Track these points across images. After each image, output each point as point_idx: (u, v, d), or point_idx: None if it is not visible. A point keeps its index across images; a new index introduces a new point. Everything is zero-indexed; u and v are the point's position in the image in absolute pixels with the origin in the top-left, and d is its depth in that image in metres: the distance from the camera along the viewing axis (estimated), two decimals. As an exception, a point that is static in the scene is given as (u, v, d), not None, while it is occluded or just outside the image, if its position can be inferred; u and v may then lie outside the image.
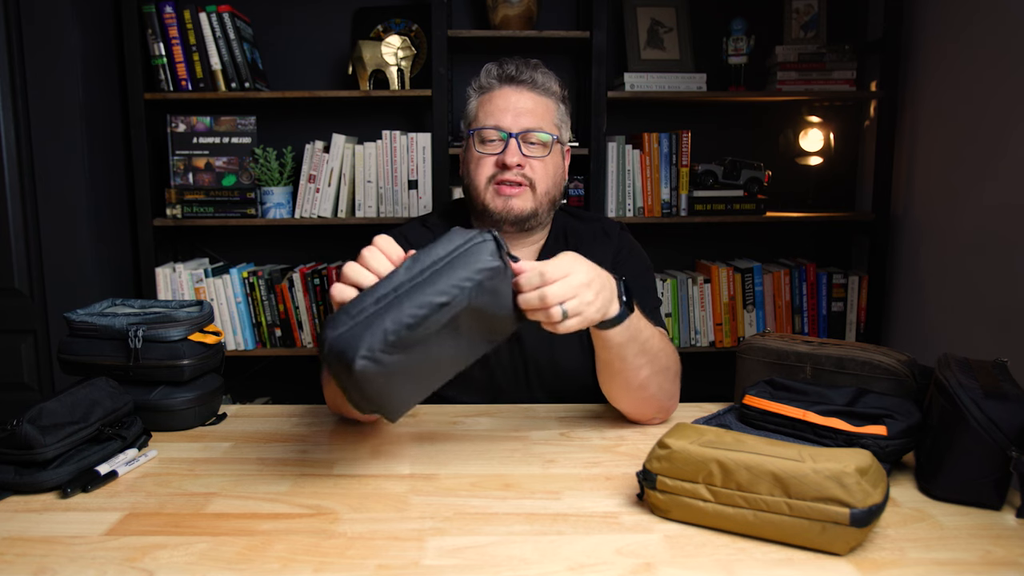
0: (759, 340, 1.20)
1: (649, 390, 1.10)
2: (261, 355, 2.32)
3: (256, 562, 0.75)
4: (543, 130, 1.26)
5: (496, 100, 1.27)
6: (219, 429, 1.15)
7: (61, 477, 0.91)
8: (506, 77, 1.27)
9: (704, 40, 2.38)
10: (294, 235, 2.47)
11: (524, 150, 1.25)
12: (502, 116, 1.25)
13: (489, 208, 1.26)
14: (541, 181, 1.26)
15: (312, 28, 2.44)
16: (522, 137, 1.25)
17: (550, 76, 1.30)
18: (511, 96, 1.26)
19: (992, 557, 0.75)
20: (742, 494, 0.77)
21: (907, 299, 2.23)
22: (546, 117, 1.28)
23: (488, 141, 1.26)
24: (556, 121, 1.30)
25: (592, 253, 1.32)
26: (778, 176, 2.45)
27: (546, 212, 1.30)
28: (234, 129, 2.26)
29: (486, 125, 1.26)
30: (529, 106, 1.26)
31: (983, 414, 0.83)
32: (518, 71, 1.27)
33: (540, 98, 1.28)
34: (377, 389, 0.79)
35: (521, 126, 1.25)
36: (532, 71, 1.28)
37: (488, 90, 1.29)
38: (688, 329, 2.35)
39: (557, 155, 1.30)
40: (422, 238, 1.33)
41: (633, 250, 1.37)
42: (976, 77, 1.90)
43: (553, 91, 1.30)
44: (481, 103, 1.29)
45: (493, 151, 1.26)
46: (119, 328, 1.11)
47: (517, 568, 0.73)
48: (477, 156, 1.27)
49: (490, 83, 1.29)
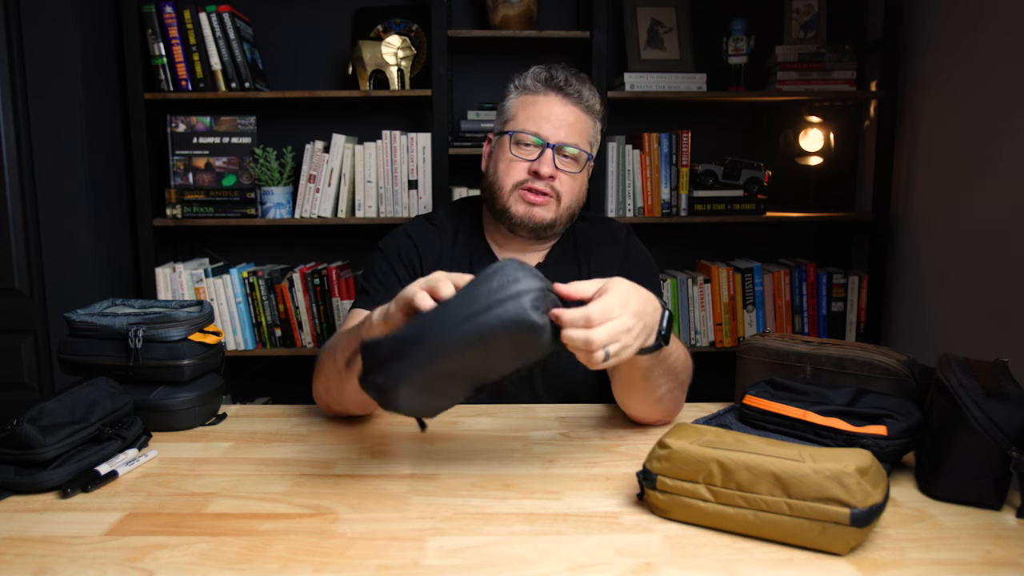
0: (759, 340, 1.20)
1: (663, 402, 1.11)
2: (261, 355, 2.32)
3: (256, 562, 0.75)
4: (579, 146, 1.25)
5: (540, 106, 1.24)
6: (219, 429, 1.15)
7: (61, 477, 0.91)
8: (554, 85, 1.25)
9: (704, 40, 2.38)
10: (294, 235, 2.47)
11: (558, 162, 1.24)
12: (543, 124, 1.23)
13: (510, 211, 1.25)
14: (567, 195, 1.26)
15: (312, 28, 2.44)
16: (558, 149, 1.23)
17: (595, 93, 1.28)
18: (556, 106, 1.24)
19: (992, 557, 0.75)
20: (742, 494, 0.77)
21: (907, 299, 2.23)
22: (584, 134, 1.27)
23: (524, 145, 1.24)
24: (591, 139, 1.29)
25: (600, 255, 1.33)
26: (778, 176, 2.45)
27: (563, 225, 1.29)
28: (234, 129, 2.26)
29: (526, 129, 1.24)
30: (571, 120, 1.24)
31: (983, 414, 0.83)
32: (567, 82, 1.24)
33: (583, 114, 1.26)
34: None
35: (560, 138, 1.23)
36: (581, 85, 1.26)
37: (532, 92, 1.26)
38: (688, 329, 2.35)
39: (585, 173, 1.30)
40: (428, 236, 1.33)
41: (640, 254, 1.38)
42: (976, 77, 1.90)
43: (596, 109, 1.29)
44: (522, 104, 1.26)
45: (528, 156, 1.24)
46: (119, 328, 1.11)
47: (517, 568, 0.73)
48: (510, 158, 1.25)
49: (536, 86, 1.26)
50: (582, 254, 1.34)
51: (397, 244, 1.32)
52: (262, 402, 2.45)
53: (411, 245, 1.31)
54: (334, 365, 1.08)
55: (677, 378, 1.09)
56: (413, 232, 1.34)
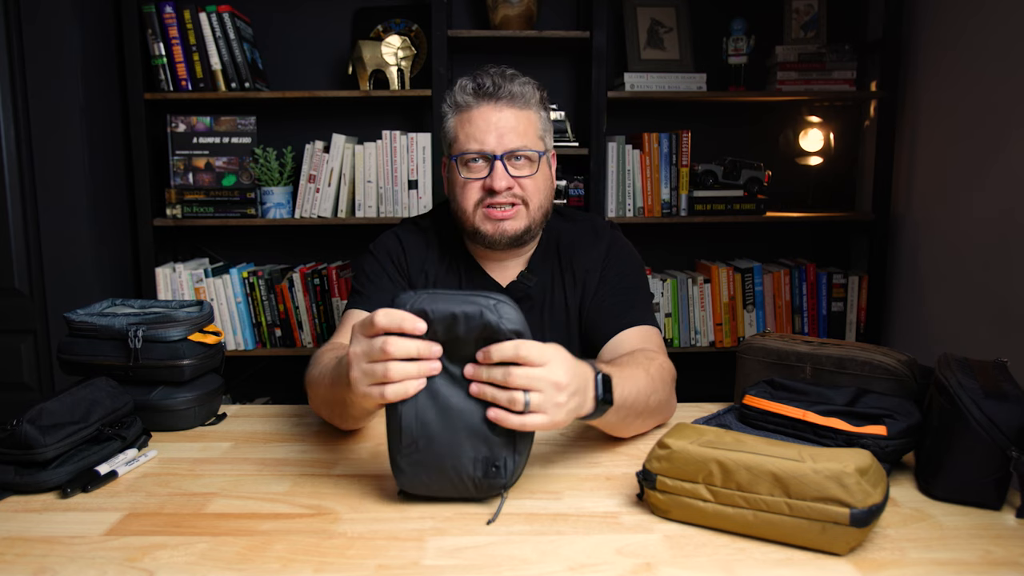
0: (759, 340, 1.20)
1: (641, 429, 1.08)
2: (261, 355, 2.32)
3: (256, 562, 0.75)
4: (528, 147, 1.20)
5: (476, 120, 1.19)
6: (219, 429, 1.15)
7: (61, 477, 0.91)
8: (484, 94, 1.19)
9: (704, 40, 2.38)
10: (294, 235, 2.48)
11: (512, 171, 1.19)
12: (484, 137, 1.18)
13: (480, 231, 1.22)
14: (533, 197, 1.22)
15: (312, 28, 2.44)
16: (507, 158, 1.19)
17: (527, 84, 1.22)
18: (491, 114, 1.19)
19: (992, 557, 0.75)
20: (742, 494, 0.77)
21: (907, 299, 2.23)
22: (529, 131, 1.21)
23: (472, 164, 1.20)
24: (540, 133, 1.23)
25: (583, 255, 1.31)
26: (778, 176, 2.45)
27: (539, 225, 1.26)
28: (234, 129, 2.26)
29: (469, 149, 1.19)
30: (512, 123, 1.19)
31: (983, 414, 0.83)
32: (495, 86, 1.18)
33: (521, 112, 1.20)
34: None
35: (506, 147, 1.18)
36: (509, 84, 1.19)
37: (465, 108, 1.21)
38: (688, 329, 2.35)
39: (545, 167, 1.25)
40: (415, 240, 1.33)
41: (623, 248, 1.33)
42: (976, 77, 1.90)
43: (533, 100, 1.22)
44: (460, 123, 1.21)
45: (479, 174, 1.20)
46: (119, 328, 1.11)
47: (517, 568, 0.73)
48: (462, 181, 1.21)
49: (467, 100, 1.20)
50: (565, 256, 1.31)
51: (386, 246, 1.33)
52: (262, 402, 2.45)
53: (399, 247, 1.32)
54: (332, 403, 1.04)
55: (647, 408, 1.04)
56: (401, 235, 1.34)
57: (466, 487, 0.84)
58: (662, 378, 1.08)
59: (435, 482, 0.84)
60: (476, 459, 0.83)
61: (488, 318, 0.80)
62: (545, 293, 1.30)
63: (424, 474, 0.84)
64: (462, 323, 0.80)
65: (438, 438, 0.83)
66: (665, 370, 1.10)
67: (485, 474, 0.83)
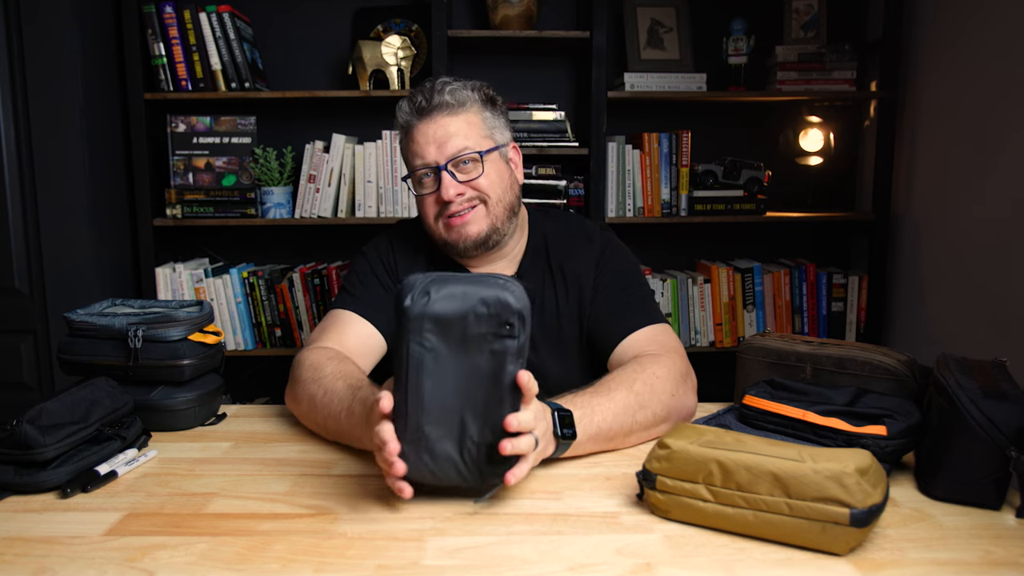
0: (759, 340, 1.20)
1: (640, 442, 1.07)
2: (261, 355, 2.32)
3: (256, 562, 0.75)
4: (470, 148, 1.20)
5: (416, 137, 1.22)
6: (219, 429, 1.15)
7: (61, 477, 0.91)
8: (419, 110, 1.21)
9: (704, 40, 2.38)
10: (294, 235, 2.47)
11: (460, 176, 1.20)
12: (425, 151, 1.20)
13: (448, 241, 1.24)
14: (491, 192, 1.22)
15: (312, 28, 2.43)
16: (452, 165, 1.20)
17: (462, 87, 1.23)
18: (428, 128, 1.21)
19: (992, 557, 0.75)
20: (742, 494, 0.77)
21: (907, 299, 2.23)
22: (471, 133, 1.21)
23: (423, 179, 1.23)
24: (485, 130, 1.24)
25: (575, 260, 1.31)
26: (778, 176, 2.45)
27: (506, 221, 1.25)
28: (234, 129, 2.26)
29: (415, 167, 1.22)
30: (449, 130, 1.20)
31: (982, 414, 0.83)
32: (427, 100, 1.21)
33: (458, 116, 1.21)
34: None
35: (446, 155, 1.19)
36: (439, 95, 1.20)
37: (408, 128, 1.23)
38: (688, 329, 2.35)
39: (498, 161, 1.25)
40: (406, 244, 1.33)
41: (617, 249, 1.33)
42: (976, 77, 1.90)
43: (470, 101, 1.23)
44: (407, 143, 1.25)
45: (431, 189, 1.22)
46: (119, 328, 1.11)
47: (517, 568, 0.73)
48: (420, 198, 1.25)
49: (408, 120, 1.23)
50: (555, 260, 1.30)
51: (378, 248, 1.34)
52: (262, 402, 2.45)
53: (390, 250, 1.33)
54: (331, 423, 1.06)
55: (635, 424, 1.04)
56: (394, 238, 1.35)
57: (471, 473, 0.85)
58: (653, 388, 1.06)
59: (440, 469, 0.84)
60: (480, 444, 0.83)
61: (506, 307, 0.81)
62: (536, 296, 1.29)
63: (429, 459, 0.84)
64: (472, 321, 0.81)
65: (443, 421, 0.83)
66: (661, 378, 1.08)
67: (489, 459, 0.84)
